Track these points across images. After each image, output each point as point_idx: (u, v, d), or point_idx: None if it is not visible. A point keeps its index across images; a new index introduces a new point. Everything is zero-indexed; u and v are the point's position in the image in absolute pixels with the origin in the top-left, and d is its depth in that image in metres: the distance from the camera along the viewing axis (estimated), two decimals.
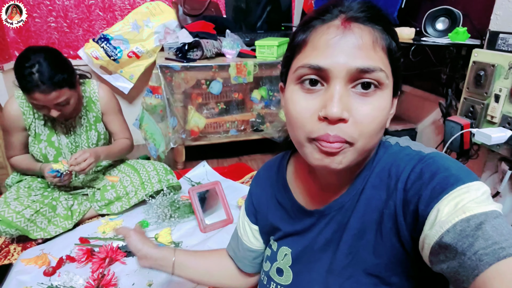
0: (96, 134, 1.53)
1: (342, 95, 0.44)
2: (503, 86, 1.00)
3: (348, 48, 0.44)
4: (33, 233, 1.32)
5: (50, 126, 1.43)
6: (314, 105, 0.46)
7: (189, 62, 1.77)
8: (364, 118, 0.45)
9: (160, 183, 1.57)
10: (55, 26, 2.11)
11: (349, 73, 0.44)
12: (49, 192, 1.46)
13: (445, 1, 1.45)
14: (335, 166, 0.47)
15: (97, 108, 1.51)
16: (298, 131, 0.48)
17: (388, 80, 0.46)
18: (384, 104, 0.46)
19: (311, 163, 0.49)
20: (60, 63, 1.27)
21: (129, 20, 2.07)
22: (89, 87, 1.50)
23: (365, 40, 0.44)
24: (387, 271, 0.50)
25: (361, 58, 0.44)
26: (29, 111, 1.38)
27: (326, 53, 0.44)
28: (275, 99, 1.98)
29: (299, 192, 0.62)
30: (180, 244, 1.37)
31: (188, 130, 1.90)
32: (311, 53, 0.46)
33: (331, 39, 0.44)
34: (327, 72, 0.45)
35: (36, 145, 1.42)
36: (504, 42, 1.01)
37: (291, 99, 0.49)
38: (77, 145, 1.50)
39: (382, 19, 0.47)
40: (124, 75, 2.16)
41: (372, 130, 0.46)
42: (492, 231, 0.35)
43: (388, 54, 0.47)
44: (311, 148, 0.48)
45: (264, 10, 2.35)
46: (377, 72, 0.44)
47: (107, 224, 1.48)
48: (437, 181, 0.43)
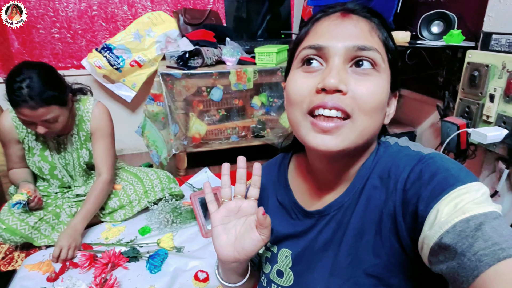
0: (88, 153, 1.49)
1: (340, 69, 0.47)
2: (498, 86, 1.01)
3: (347, 31, 0.48)
4: (37, 241, 1.34)
5: (42, 141, 1.41)
6: (313, 82, 0.48)
7: (190, 69, 1.80)
8: (361, 93, 0.46)
9: (163, 192, 1.58)
10: (59, 37, 2.16)
11: (346, 51, 0.47)
12: (52, 199, 1.48)
13: (439, 5, 1.47)
14: (332, 145, 0.47)
15: (87, 128, 1.45)
16: (296, 109, 0.50)
17: (384, 64, 0.49)
18: (381, 84, 0.48)
19: (308, 144, 0.49)
20: (52, 80, 1.24)
21: (131, 30, 2.11)
22: (83, 105, 1.45)
23: (362, 27, 0.49)
24: (386, 272, 0.49)
25: (358, 39, 0.48)
26: (22, 125, 1.36)
27: (326, 35, 0.49)
28: (275, 105, 2.00)
29: (299, 192, 0.62)
30: (182, 249, 1.37)
31: (190, 137, 1.92)
32: (312, 38, 0.51)
33: (331, 24, 0.50)
34: (326, 50, 0.48)
35: (30, 158, 1.42)
36: (497, 43, 1.03)
37: (292, 80, 0.51)
38: (67, 162, 1.47)
39: (379, 16, 0.52)
40: (126, 84, 2.20)
41: (370, 106, 0.47)
42: (492, 232, 0.35)
43: (384, 45, 0.50)
44: (307, 125, 0.48)
45: (264, 19, 2.39)
46: (373, 51, 0.47)
47: (110, 230, 1.49)
48: (437, 182, 0.43)
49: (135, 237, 1.44)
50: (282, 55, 1.94)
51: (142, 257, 1.31)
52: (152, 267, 1.24)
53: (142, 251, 1.33)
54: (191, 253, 1.35)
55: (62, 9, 2.11)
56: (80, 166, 1.49)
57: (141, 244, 1.38)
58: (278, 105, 1.99)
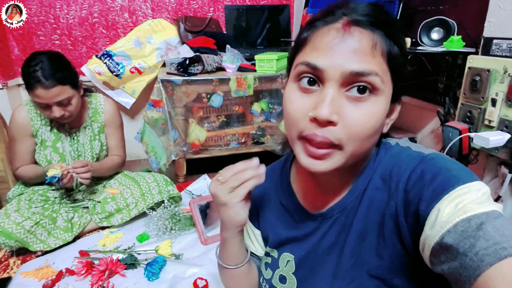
0: (99, 145, 1.58)
1: (334, 98, 0.45)
2: (499, 90, 1.01)
3: (346, 51, 0.45)
4: (32, 245, 1.31)
5: (56, 132, 1.48)
6: (308, 105, 0.47)
7: (190, 76, 1.80)
8: (354, 122, 0.45)
9: (161, 194, 1.56)
10: (59, 43, 2.16)
11: (343, 76, 0.45)
12: (49, 204, 1.46)
13: (438, 12, 1.49)
14: (321, 168, 0.48)
15: (101, 119, 1.58)
16: (291, 129, 0.50)
17: (384, 86, 0.46)
18: (377, 109, 0.46)
19: (300, 162, 0.50)
20: (62, 63, 1.37)
21: (131, 37, 2.12)
22: (95, 99, 1.58)
23: (364, 44, 0.45)
24: (389, 273, 0.49)
25: (357, 62, 0.44)
26: (37, 117, 1.44)
27: (324, 54, 0.46)
28: (275, 112, 1.99)
29: (302, 195, 0.62)
30: (180, 256, 1.35)
31: (189, 143, 1.91)
32: (310, 52, 0.47)
33: (331, 41, 0.45)
34: (322, 72, 0.46)
35: (42, 151, 1.46)
36: (498, 48, 1.03)
37: (288, 98, 0.50)
38: (79, 154, 1.53)
39: (384, 23, 0.47)
40: (126, 91, 2.20)
41: (361, 135, 0.46)
42: (493, 231, 0.35)
43: (388, 59, 0.46)
44: (300, 147, 0.49)
45: (264, 27, 2.41)
46: (372, 76, 0.45)
47: (108, 237, 1.47)
48: (438, 182, 0.43)
49: (133, 244, 1.41)
50: (282, 62, 1.94)
51: (140, 264, 1.28)
52: (150, 275, 1.21)
53: (140, 258, 1.31)
54: (190, 260, 1.33)
55: (63, 16, 2.12)
56: (92, 157, 1.56)
57: (139, 251, 1.36)
58: (278, 111, 1.99)
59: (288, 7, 2.44)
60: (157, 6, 2.28)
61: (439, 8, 1.50)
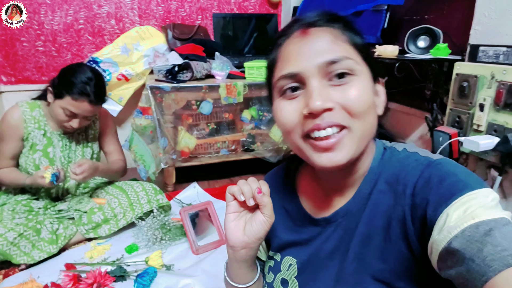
0: (91, 152, 1.55)
1: (320, 89, 0.47)
2: (487, 96, 1.04)
3: (313, 49, 0.48)
4: (16, 258, 1.25)
5: (48, 137, 1.45)
6: (299, 106, 0.49)
7: (179, 83, 1.78)
8: (347, 101, 0.47)
9: (150, 204, 1.53)
10: (43, 50, 2.11)
11: (320, 68, 0.47)
12: (33, 215, 1.40)
13: (424, 21, 1.53)
14: (337, 159, 0.48)
15: (97, 126, 1.56)
16: (292, 135, 0.50)
17: (359, 66, 0.49)
18: (362, 86, 0.48)
19: (315, 164, 0.49)
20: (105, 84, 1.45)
21: (118, 44, 2.09)
22: None
23: (327, 38, 0.48)
24: (394, 276, 0.49)
25: (326, 53, 0.47)
26: (31, 120, 1.41)
27: (295, 60, 0.49)
28: (265, 119, 2.00)
29: (306, 200, 0.62)
30: (172, 267, 1.32)
31: (179, 151, 1.88)
32: (283, 65, 0.50)
33: (297, 47, 0.49)
34: (300, 75, 0.48)
35: (30, 155, 1.42)
36: (485, 54, 1.07)
37: (278, 110, 0.52)
38: (69, 160, 1.50)
39: (339, 19, 0.51)
40: (113, 98, 2.15)
41: (360, 110, 0.47)
42: (501, 238, 0.35)
43: (353, 44, 0.50)
44: (308, 147, 0.49)
45: (252, 36, 2.43)
46: (345, 60, 0.47)
47: (95, 249, 1.42)
48: (446, 187, 0.43)
49: (121, 256, 1.37)
50: None
51: (130, 276, 1.24)
52: (140, 286, 1.18)
53: (129, 270, 1.27)
54: (182, 271, 1.29)
55: (47, 22, 2.07)
56: None
57: (128, 262, 1.31)
58: (268, 119, 1.99)
59: (275, 16, 2.47)
60: (144, 13, 2.26)
61: (424, 17, 1.55)
